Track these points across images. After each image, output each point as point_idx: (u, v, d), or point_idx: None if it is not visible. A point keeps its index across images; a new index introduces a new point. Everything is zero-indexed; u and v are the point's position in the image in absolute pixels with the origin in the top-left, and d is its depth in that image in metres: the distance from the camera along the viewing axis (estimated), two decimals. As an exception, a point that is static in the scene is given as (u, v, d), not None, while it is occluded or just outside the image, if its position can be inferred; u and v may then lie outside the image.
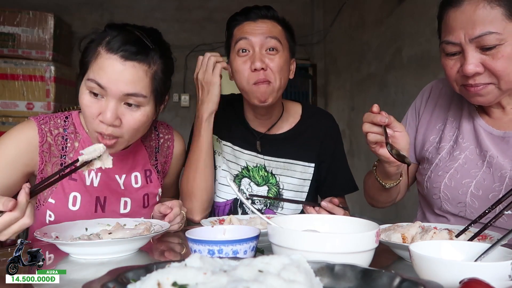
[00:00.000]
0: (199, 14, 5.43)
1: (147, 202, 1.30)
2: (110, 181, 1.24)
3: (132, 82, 1.08)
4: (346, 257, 0.71)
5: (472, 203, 1.13)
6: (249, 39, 1.37)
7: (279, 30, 1.41)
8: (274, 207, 1.51)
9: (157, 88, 1.15)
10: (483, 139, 1.15)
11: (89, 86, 1.08)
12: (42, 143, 1.16)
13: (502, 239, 0.76)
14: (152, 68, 1.12)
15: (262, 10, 1.41)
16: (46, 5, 4.54)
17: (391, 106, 3.98)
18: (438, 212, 1.23)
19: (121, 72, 1.07)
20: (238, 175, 1.52)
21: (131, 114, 1.11)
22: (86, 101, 1.09)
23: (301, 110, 1.57)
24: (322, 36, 5.70)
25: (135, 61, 1.08)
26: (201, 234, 0.89)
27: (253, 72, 1.35)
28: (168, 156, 1.40)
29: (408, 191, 1.42)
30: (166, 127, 1.43)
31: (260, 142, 1.51)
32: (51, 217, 1.18)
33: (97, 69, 1.07)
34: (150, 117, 1.16)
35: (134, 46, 1.09)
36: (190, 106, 5.44)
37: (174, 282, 0.49)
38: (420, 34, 3.43)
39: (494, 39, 1.00)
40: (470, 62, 1.02)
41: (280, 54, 1.38)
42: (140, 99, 1.10)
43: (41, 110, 3.67)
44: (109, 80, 1.06)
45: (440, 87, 1.32)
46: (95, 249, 0.94)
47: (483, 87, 1.05)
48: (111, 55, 1.07)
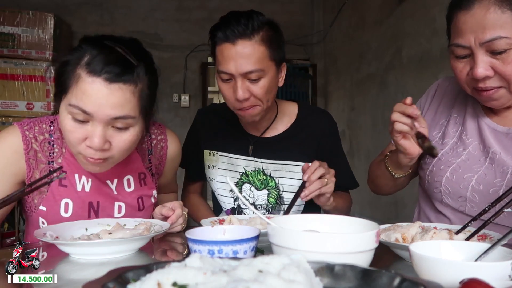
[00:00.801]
0: (199, 14, 5.44)
1: (142, 205, 1.27)
2: (102, 186, 1.20)
3: (120, 105, 1.00)
4: (346, 257, 0.71)
5: (473, 198, 1.14)
6: (229, 73, 1.29)
7: (261, 52, 1.29)
8: (276, 212, 1.50)
9: (145, 105, 1.09)
10: (487, 135, 1.16)
11: (71, 111, 1.01)
12: (27, 150, 1.11)
13: (502, 239, 0.76)
14: (138, 87, 1.05)
15: (240, 25, 1.28)
16: (46, 5, 4.55)
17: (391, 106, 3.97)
18: (439, 207, 1.23)
19: (107, 96, 0.99)
20: (238, 182, 1.51)
21: (120, 136, 1.05)
22: (69, 127, 1.02)
23: (297, 109, 1.55)
24: (322, 36, 5.70)
25: (121, 83, 1.00)
26: (201, 234, 0.89)
27: (236, 100, 1.32)
28: (162, 157, 1.35)
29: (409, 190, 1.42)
30: (158, 126, 1.36)
31: (252, 147, 1.50)
32: (44, 224, 1.16)
33: (80, 94, 0.99)
34: (139, 135, 1.11)
35: (118, 66, 1.00)
36: (190, 106, 5.44)
37: (174, 282, 0.49)
38: (420, 34, 3.43)
39: (505, 44, 0.99)
40: (480, 66, 1.02)
41: (264, 78, 1.31)
42: (129, 121, 1.04)
43: (41, 110, 3.68)
44: (95, 105, 0.99)
45: (446, 85, 1.33)
46: (95, 249, 0.94)
47: (495, 91, 1.06)
48: (94, 78, 0.99)
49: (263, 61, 1.30)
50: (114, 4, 5.25)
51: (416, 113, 1.03)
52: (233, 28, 1.28)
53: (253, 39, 1.29)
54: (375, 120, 4.33)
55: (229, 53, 1.28)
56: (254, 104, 1.33)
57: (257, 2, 4.56)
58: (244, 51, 1.28)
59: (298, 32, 5.51)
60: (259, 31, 1.30)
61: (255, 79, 1.29)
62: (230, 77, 1.30)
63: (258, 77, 1.29)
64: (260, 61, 1.29)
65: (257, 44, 1.29)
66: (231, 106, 1.37)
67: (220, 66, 1.31)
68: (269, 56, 1.32)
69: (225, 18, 1.33)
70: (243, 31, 1.28)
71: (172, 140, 1.37)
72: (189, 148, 1.62)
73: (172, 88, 5.42)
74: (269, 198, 1.49)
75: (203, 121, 1.60)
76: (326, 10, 5.60)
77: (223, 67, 1.30)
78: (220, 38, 1.30)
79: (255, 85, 1.30)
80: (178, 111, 5.44)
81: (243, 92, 1.29)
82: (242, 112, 1.35)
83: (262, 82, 1.31)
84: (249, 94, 1.30)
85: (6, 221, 3.44)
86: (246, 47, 1.28)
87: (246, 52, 1.28)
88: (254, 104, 1.33)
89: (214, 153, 1.55)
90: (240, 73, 1.28)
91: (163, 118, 5.28)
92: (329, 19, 5.45)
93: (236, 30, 1.27)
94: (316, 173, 1.22)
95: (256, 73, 1.29)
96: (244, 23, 1.28)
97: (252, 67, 1.28)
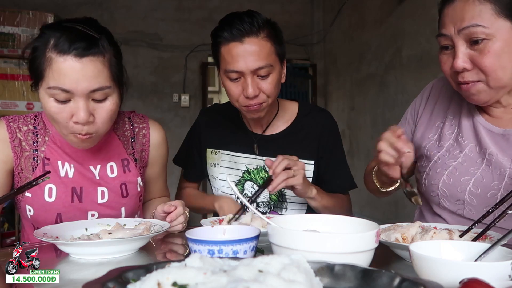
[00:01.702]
0: (199, 14, 5.43)
1: (126, 192, 1.29)
2: (85, 171, 1.25)
3: (94, 77, 1.08)
4: (346, 257, 0.71)
5: (471, 201, 1.13)
6: (239, 71, 1.31)
7: (269, 48, 1.32)
8: (279, 209, 1.51)
9: (116, 73, 1.15)
10: (483, 136, 1.16)
11: (52, 93, 1.07)
12: (12, 139, 1.19)
13: (502, 239, 0.76)
14: (106, 57, 1.11)
15: (245, 23, 1.30)
16: (46, 5, 4.54)
17: (391, 106, 3.98)
18: (436, 210, 1.23)
19: (81, 70, 1.06)
20: (240, 180, 1.52)
21: (101, 107, 1.12)
22: (54, 109, 1.09)
23: (297, 108, 1.57)
24: (322, 36, 5.70)
25: (90, 56, 1.07)
26: (201, 234, 0.89)
27: (245, 98, 1.33)
28: (145, 144, 1.38)
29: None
30: (141, 117, 1.41)
31: (257, 145, 1.52)
32: (31, 211, 1.20)
33: (56, 75, 1.06)
34: (118, 103, 1.17)
35: (83, 41, 1.07)
36: (190, 106, 5.44)
37: (174, 282, 0.49)
38: (420, 34, 3.43)
39: (481, 32, 1.02)
40: (459, 57, 1.05)
41: (273, 73, 1.33)
42: (106, 91, 1.11)
43: (41, 110, 3.67)
44: (72, 82, 1.05)
45: (440, 86, 1.33)
46: (95, 249, 0.94)
47: (472, 85, 1.07)
48: (65, 57, 1.05)
49: (270, 56, 1.32)
50: (114, 4, 5.24)
51: (405, 150, 1.02)
52: (238, 26, 1.29)
53: (260, 35, 1.31)
54: (375, 120, 4.33)
55: (237, 51, 1.30)
56: (262, 101, 1.35)
57: (257, 2, 4.56)
58: (252, 48, 1.30)
59: (298, 32, 5.51)
60: (264, 28, 1.32)
61: (264, 75, 1.32)
62: (239, 76, 1.32)
63: (267, 72, 1.32)
64: (268, 57, 1.32)
65: (264, 41, 1.31)
66: (237, 104, 1.38)
67: (229, 65, 1.32)
68: (275, 52, 1.34)
69: (227, 19, 1.35)
70: (250, 29, 1.30)
71: (154, 128, 1.40)
72: (189, 147, 1.62)
73: (172, 88, 5.42)
74: (271, 195, 1.51)
75: (206, 120, 1.62)
76: (326, 10, 5.60)
77: (232, 66, 1.31)
78: (226, 38, 1.31)
79: (265, 81, 1.33)
80: (178, 111, 5.44)
81: (253, 89, 1.31)
82: (248, 109, 1.36)
83: (271, 77, 1.33)
84: (259, 90, 1.33)
85: (6, 221, 3.44)
86: (254, 44, 1.30)
87: (255, 49, 1.30)
88: (262, 102, 1.35)
89: (216, 152, 1.56)
90: (251, 70, 1.30)
91: (163, 118, 5.32)
92: (329, 19, 5.45)
93: (242, 28, 1.29)
94: (280, 165, 1.23)
95: (266, 68, 1.31)
96: (248, 21, 1.30)
97: (262, 63, 1.30)
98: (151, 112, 5.20)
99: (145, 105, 5.21)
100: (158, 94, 5.37)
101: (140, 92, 5.13)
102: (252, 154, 1.52)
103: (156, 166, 1.43)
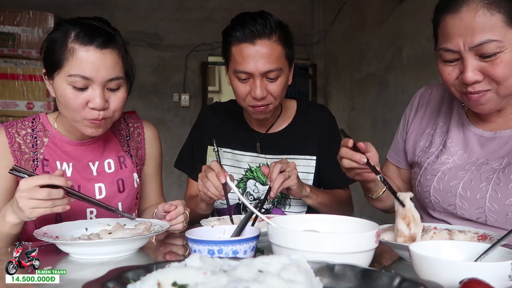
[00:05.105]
0: (199, 14, 5.43)
1: (123, 187, 1.33)
2: (83, 169, 1.29)
3: (112, 67, 1.17)
4: (346, 257, 0.71)
5: (462, 205, 1.12)
6: (249, 73, 1.31)
7: (280, 51, 1.32)
8: (282, 206, 1.51)
9: (127, 67, 1.25)
10: (473, 146, 1.15)
11: (71, 81, 1.14)
12: (11, 144, 1.24)
13: (502, 239, 0.76)
14: (121, 52, 1.22)
15: (258, 25, 1.29)
16: (46, 4, 4.54)
17: (391, 106, 3.98)
18: (434, 215, 1.22)
19: (102, 60, 1.15)
20: (243, 178, 1.52)
21: (115, 95, 1.20)
22: (71, 95, 1.15)
23: (296, 106, 1.58)
24: (322, 36, 5.70)
25: (109, 48, 1.17)
26: (201, 234, 0.89)
27: (252, 98, 1.34)
28: (140, 142, 1.44)
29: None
30: (135, 117, 1.49)
31: (260, 144, 1.52)
32: None
33: (79, 63, 1.14)
34: (127, 94, 1.26)
35: (102, 35, 1.17)
36: (190, 106, 5.44)
37: (174, 282, 0.49)
38: (420, 34, 3.43)
39: (495, 47, 0.97)
40: (469, 71, 1.00)
41: (281, 76, 1.34)
42: (120, 81, 1.20)
43: (41, 109, 3.68)
44: (93, 69, 1.14)
45: (428, 93, 1.32)
46: (95, 249, 0.94)
47: (482, 95, 1.03)
48: (88, 47, 1.14)
49: (280, 60, 1.33)
50: (114, 3, 5.24)
51: (363, 161, 1.00)
52: (251, 27, 1.29)
53: (272, 38, 1.31)
54: (375, 120, 4.33)
55: (249, 52, 1.30)
56: (269, 103, 1.35)
57: (257, 2, 4.55)
58: (264, 50, 1.30)
59: (298, 32, 5.50)
60: (276, 31, 1.32)
61: (273, 77, 1.32)
62: (249, 77, 1.32)
63: (277, 75, 1.32)
64: (278, 60, 1.32)
65: (275, 44, 1.31)
66: (244, 103, 1.38)
67: (239, 66, 1.32)
68: (285, 55, 1.35)
69: (239, 19, 1.35)
70: (262, 31, 1.29)
71: (148, 127, 1.48)
72: (193, 147, 1.61)
73: (172, 87, 5.42)
74: None
75: (207, 118, 1.62)
76: (326, 10, 5.60)
77: (242, 67, 1.31)
78: (238, 38, 1.31)
79: (273, 84, 1.33)
80: (178, 110, 5.44)
81: (262, 91, 1.31)
82: (255, 109, 1.37)
83: (279, 80, 1.34)
84: (266, 92, 1.33)
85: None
86: (266, 47, 1.30)
87: (266, 51, 1.30)
88: (268, 103, 1.35)
89: (218, 149, 1.54)
90: (260, 73, 1.30)
91: (163, 118, 5.32)
92: (329, 19, 5.45)
93: (255, 29, 1.29)
94: (275, 170, 1.23)
95: (275, 72, 1.31)
96: (261, 23, 1.30)
97: (272, 66, 1.30)
98: (151, 112, 5.20)
99: (145, 105, 5.22)
100: (158, 94, 5.37)
101: (140, 92, 5.13)
102: (254, 152, 1.52)
103: (152, 163, 1.46)
